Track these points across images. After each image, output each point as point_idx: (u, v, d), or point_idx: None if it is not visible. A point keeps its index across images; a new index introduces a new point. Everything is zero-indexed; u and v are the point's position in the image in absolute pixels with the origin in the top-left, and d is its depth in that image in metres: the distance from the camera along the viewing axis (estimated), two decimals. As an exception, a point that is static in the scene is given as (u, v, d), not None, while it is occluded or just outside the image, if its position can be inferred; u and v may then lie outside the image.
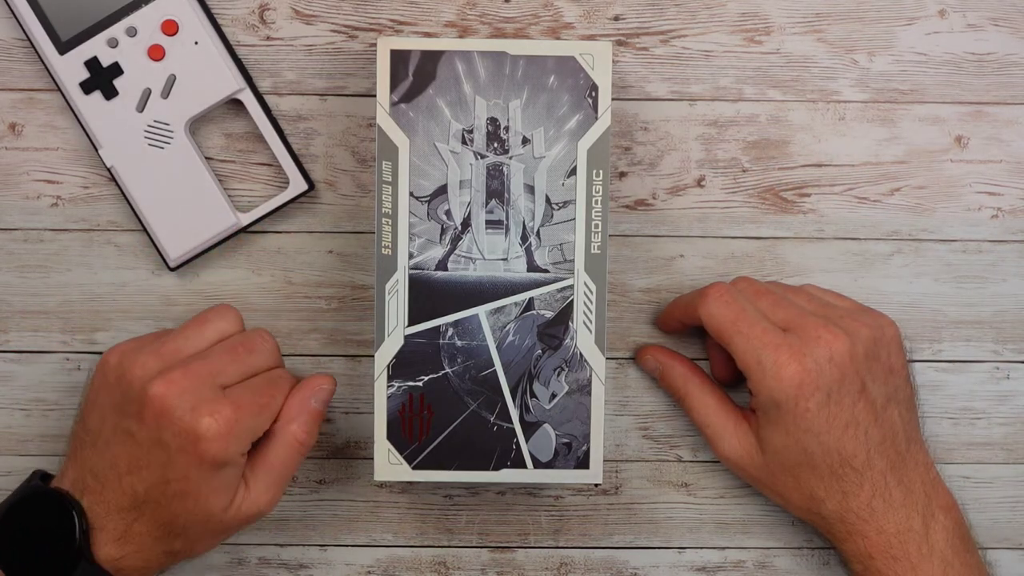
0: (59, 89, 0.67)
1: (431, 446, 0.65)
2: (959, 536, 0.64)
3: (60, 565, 0.60)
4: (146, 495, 0.60)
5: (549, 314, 0.65)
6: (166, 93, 0.66)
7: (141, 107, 0.66)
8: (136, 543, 0.61)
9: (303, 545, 0.71)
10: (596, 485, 0.71)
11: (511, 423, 0.65)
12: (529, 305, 0.65)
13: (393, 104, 0.63)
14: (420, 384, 0.64)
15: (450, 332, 0.64)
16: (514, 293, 0.65)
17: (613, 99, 0.68)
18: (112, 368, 0.62)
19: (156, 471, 0.60)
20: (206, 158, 0.68)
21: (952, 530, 0.64)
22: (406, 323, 0.64)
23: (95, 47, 0.66)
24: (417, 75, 0.63)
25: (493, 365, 0.65)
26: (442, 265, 0.64)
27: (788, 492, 0.65)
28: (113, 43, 0.66)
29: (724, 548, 0.71)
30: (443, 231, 0.64)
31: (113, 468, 0.61)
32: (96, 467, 0.61)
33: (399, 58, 0.63)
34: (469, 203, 0.64)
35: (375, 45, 0.63)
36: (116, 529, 0.61)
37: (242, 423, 0.60)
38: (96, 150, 0.67)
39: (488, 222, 0.64)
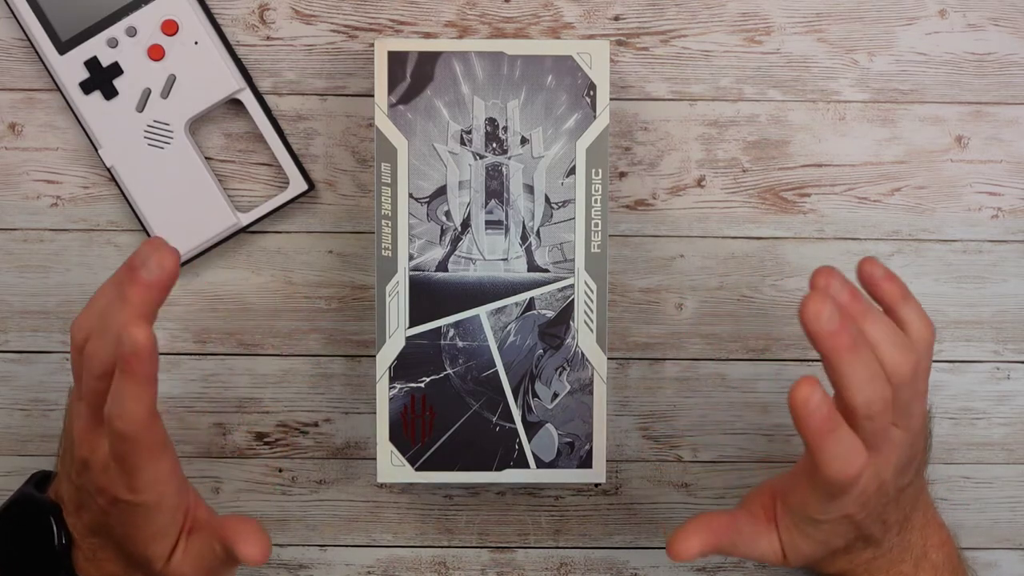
0: (59, 89, 0.67)
1: (433, 447, 0.65)
2: (949, 569, 0.64)
3: (44, 571, 0.59)
4: (99, 526, 0.59)
5: (550, 314, 0.65)
6: (166, 93, 0.66)
7: (141, 107, 0.66)
8: (104, 567, 0.60)
9: (303, 545, 0.71)
10: (598, 485, 0.71)
11: (513, 423, 0.65)
12: (530, 305, 0.65)
13: (391, 106, 0.63)
14: (422, 385, 0.64)
15: (451, 333, 0.64)
16: (515, 293, 0.65)
17: (613, 99, 0.68)
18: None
19: (99, 516, 0.58)
20: (206, 158, 0.68)
21: (942, 565, 0.64)
22: (407, 324, 0.64)
23: (95, 47, 0.66)
24: (415, 76, 0.63)
25: (495, 365, 0.65)
26: (442, 266, 0.64)
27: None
28: (113, 43, 0.66)
29: (724, 548, 0.72)
30: (443, 232, 0.64)
31: (71, 501, 0.59)
32: (64, 493, 0.60)
33: (397, 59, 0.63)
34: (468, 204, 0.64)
35: (374, 45, 0.63)
36: (88, 549, 0.60)
37: (137, 476, 0.55)
38: (96, 150, 0.67)
39: (488, 222, 0.64)
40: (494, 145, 0.64)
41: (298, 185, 0.68)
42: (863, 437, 0.56)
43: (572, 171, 0.64)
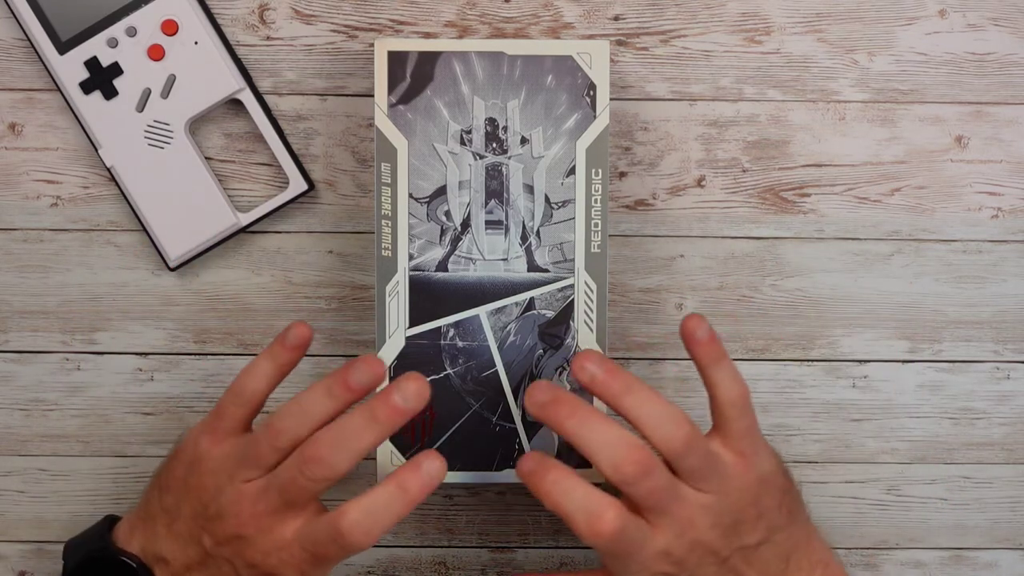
0: (59, 89, 0.67)
1: (433, 447, 0.65)
2: None
3: None
4: None
5: (550, 314, 0.65)
6: (166, 93, 0.66)
7: (141, 107, 0.66)
8: None
9: (303, 545, 0.71)
10: (598, 485, 0.71)
11: (513, 423, 0.65)
12: (530, 305, 0.65)
13: (391, 106, 0.63)
14: (420, 385, 0.64)
15: (451, 333, 0.64)
16: (515, 293, 0.65)
17: (613, 99, 0.68)
18: (193, 465, 0.61)
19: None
20: (206, 158, 0.68)
21: None
22: (407, 324, 0.64)
23: (95, 47, 0.66)
24: (415, 76, 0.63)
25: (495, 365, 0.65)
26: (442, 266, 0.64)
27: None
28: (113, 43, 0.66)
29: (724, 548, 0.72)
30: (443, 232, 0.64)
31: (184, 562, 0.61)
32: (167, 553, 0.61)
33: (397, 60, 0.63)
34: (468, 204, 0.64)
35: (374, 45, 0.63)
36: None
37: (318, 568, 0.59)
38: (96, 150, 0.67)
39: (488, 222, 0.64)
40: (494, 145, 0.64)
41: (298, 185, 0.68)
42: (634, 498, 0.58)
43: (572, 171, 0.64)
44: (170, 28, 0.66)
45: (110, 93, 0.66)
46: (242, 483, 0.59)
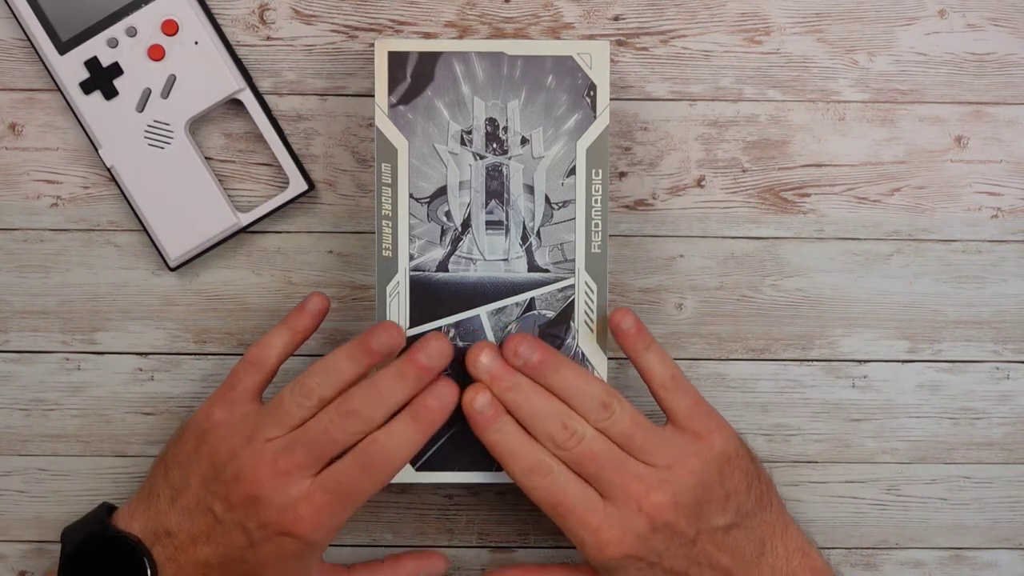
0: (59, 89, 0.67)
1: (434, 447, 0.65)
2: None
3: None
4: (218, 565, 0.61)
5: (550, 314, 0.65)
6: (166, 93, 0.66)
7: (141, 107, 0.66)
8: None
9: (303, 545, 0.71)
10: None
11: (511, 423, 0.65)
12: (530, 305, 0.65)
13: (392, 106, 0.63)
14: (421, 385, 0.64)
15: (452, 333, 0.64)
16: (515, 293, 0.65)
17: (613, 99, 0.68)
18: (206, 433, 0.62)
19: (234, 551, 0.61)
20: (206, 158, 0.68)
21: None
22: (407, 325, 0.64)
23: (95, 47, 0.66)
24: (415, 77, 0.63)
25: (493, 365, 0.65)
26: (443, 266, 0.64)
27: None
28: (113, 43, 0.66)
29: (724, 548, 0.72)
30: (443, 232, 0.64)
31: (190, 533, 0.62)
32: (172, 526, 0.62)
33: (397, 60, 0.63)
34: (469, 204, 0.64)
35: (374, 45, 0.63)
36: None
37: (335, 516, 0.60)
38: (96, 150, 0.67)
39: (488, 223, 0.64)
40: (494, 145, 0.64)
41: (298, 185, 0.68)
42: (572, 465, 0.61)
43: (572, 171, 0.64)
44: (170, 28, 0.66)
45: (110, 93, 0.66)
46: (263, 443, 0.60)
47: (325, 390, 0.61)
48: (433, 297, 0.64)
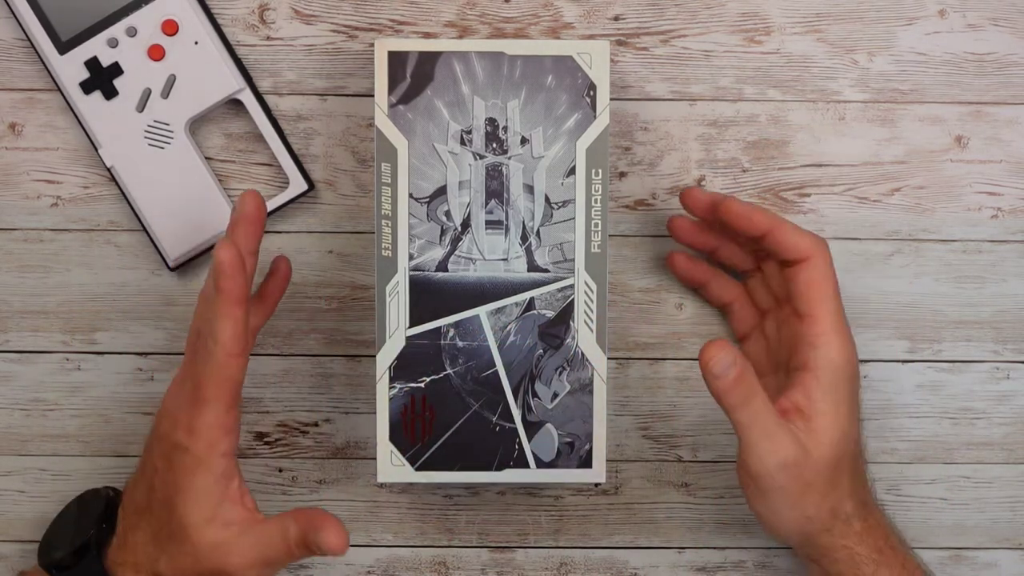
0: (59, 89, 0.67)
1: (433, 447, 0.65)
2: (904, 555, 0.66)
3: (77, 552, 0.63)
4: (143, 502, 0.61)
5: (550, 314, 0.65)
6: (166, 93, 0.66)
7: (141, 107, 0.66)
8: (132, 552, 0.61)
9: (303, 545, 0.71)
10: (597, 484, 0.71)
11: (513, 423, 0.65)
12: (530, 305, 0.65)
13: (391, 106, 0.63)
14: (422, 385, 0.64)
15: (451, 333, 0.64)
16: (515, 293, 0.65)
17: (613, 99, 0.68)
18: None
19: (148, 478, 0.61)
20: (206, 158, 0.68)
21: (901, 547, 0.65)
22: (407, 324, 0.64)
23: (95, 47, 0.66)
24: (415, 76, 0.63)
25: (495, 365, 0.65)
26: (442, 266, 0.64)
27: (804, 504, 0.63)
28: (113, 43, 0.66)
29: (724, 548, 0.72)
30: (443, 232, 0.64)
31: (134, 480, 0.63)
32: (130, 484, 0.64)
33: (397, 60, 0.63)
34: (468, 204, 0.64)
35: (374, 45, 0.63)
36: (122, 534, 0.62)
37: (202, 416, 0.59)
38: (96, 150, 0.67)
39: (488, 222, 0.64)
40: (494, 145, 0.64)
41: (298, 185, 0.68)
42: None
43: (572, 171, 0.64)
44: (170, 28, 0.66)
45: (110, 93, 0.66)
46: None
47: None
48: (433, 297, 0.64)
